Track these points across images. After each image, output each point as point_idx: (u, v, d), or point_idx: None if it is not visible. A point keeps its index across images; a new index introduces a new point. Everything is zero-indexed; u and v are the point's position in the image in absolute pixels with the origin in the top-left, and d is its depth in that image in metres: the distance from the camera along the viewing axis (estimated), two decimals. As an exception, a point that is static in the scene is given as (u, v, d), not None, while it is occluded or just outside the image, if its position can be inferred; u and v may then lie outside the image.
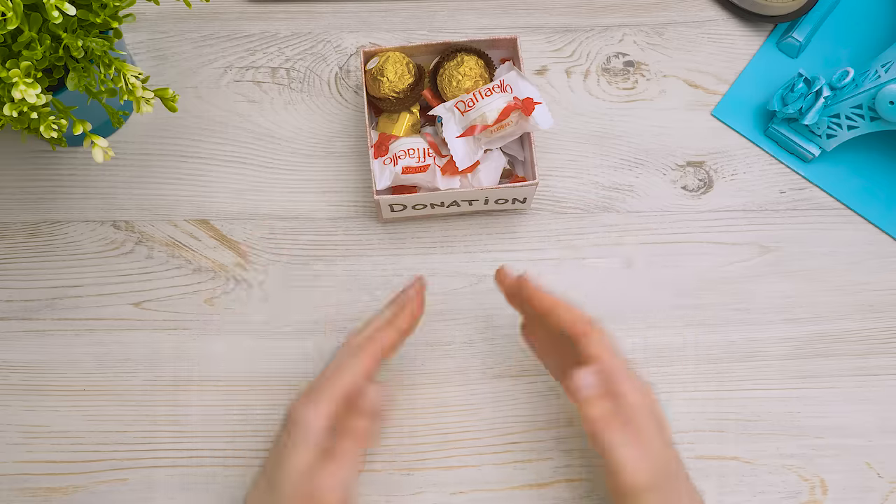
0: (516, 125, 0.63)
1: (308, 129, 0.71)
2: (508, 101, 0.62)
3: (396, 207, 0.65)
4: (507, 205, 0.67)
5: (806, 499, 0.63)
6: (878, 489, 0.64)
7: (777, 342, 0.67)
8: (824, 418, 0.65)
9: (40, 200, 0.69)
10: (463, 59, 0.65)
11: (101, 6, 0.54)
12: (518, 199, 0.66)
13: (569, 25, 0.75)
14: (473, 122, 0.62)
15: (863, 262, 0.69)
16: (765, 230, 0.69)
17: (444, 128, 0.64)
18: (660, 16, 0.75)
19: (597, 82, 0.73)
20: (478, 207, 0.67)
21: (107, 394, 0.65)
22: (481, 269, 0.68)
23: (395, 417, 0.64)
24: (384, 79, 0.64)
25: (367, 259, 0.68)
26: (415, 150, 0.64)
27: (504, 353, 0.66)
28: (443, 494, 0.63)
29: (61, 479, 0.63)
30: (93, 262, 0.68)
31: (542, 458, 0.64)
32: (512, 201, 0.66)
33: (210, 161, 0.70)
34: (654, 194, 0.70)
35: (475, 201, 0.65)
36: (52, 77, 0.57)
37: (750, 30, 0.75)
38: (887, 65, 0.64)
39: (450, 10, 0.75)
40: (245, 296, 0.67)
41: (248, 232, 0.69)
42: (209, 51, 0.73)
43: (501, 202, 0.66)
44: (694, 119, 0.72)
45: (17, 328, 0.66)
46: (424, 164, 0.63)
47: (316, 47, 0.74)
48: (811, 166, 0.71)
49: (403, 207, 0.65)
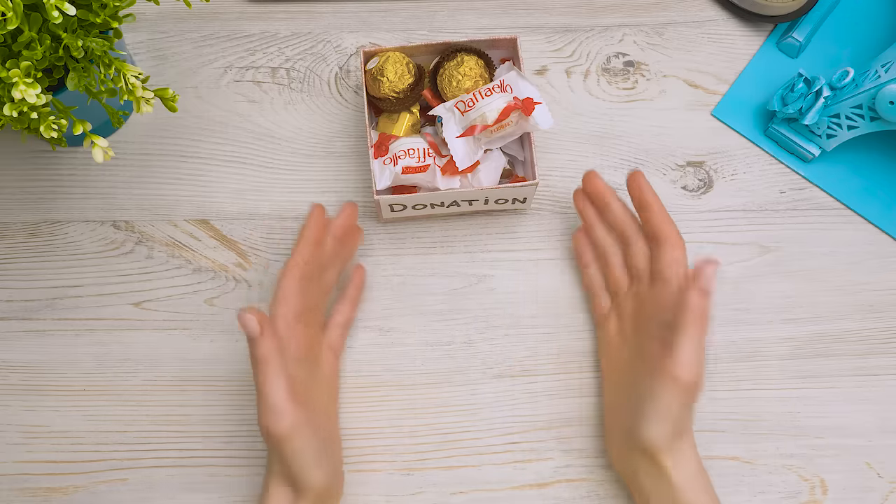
0: (516, 125, 0.63)
1: (308, 129, 0.71)
2: (508, 101, 0.62)
3: (396, 207, 0.65)
4: (507, 205, 0.67)
5: (806, 499, 0.63)
6: (878, 489, 0.64)
7: (777, 342, 0.67)
8: (824, 418, 0.65)
9: (40, 200, 0.69)
10: (463, 59, 0.65)
11: (101, 6, 0.54)
12: (518, 199, 0.66)
13: (569, 25, 0.75)
14: (473, 122, 0.62)
15: (863, 262, 0.69)
16: (765, 230, 0.69)
17: (444, 128, 0.64)
18: (660, 16, 0.75)
19: (597, 82, 0.73)
20: (478, 207, 0.67)
21: (107, 394, 0.65)
22: (481, 269, 0.68)
23: (395, 417, 0.65)
24: (384, 79, 0.64)
25: (367, 259, 0.68)
26: (415, 150, 0.64)
27: (504, 353, 0.66)
28: (443, 494, 0.63)
29: (61, 479, 0.63)
30: (93, 262, 0.68)
31: (542, 458, 0.64)
32: (512, 201, 0.66)
33: (210, 161, 0.70)
34: (654, 194, 0.70)
35: (475, 201, 0.65)
36: (52, 77, 0.57)
37: (750, 30, 0.75)
38: (887, 65, 0.64)
39: (450, 10, 0.75)
40: (245, 296, 0.67)
41: (248, 232, 0.69)
42: (209, 51, 0.73)
43: (501, 202, 0.66)
44: (694, 119, 0.72)
45: (17, 328, 0.66)
46: (424, 164, 0.63)
47: (316, 47, 0.74)
48: (811, 166, 0.71)
49: (403, 207, 0.65)
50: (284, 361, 0.54)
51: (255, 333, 0.53)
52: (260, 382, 0.54)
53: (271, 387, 0.53)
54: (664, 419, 0.55)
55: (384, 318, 0.67)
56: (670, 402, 0.54)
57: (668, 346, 0.54)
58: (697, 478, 0.56)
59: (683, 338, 0.54)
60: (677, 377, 0.53)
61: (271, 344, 0.54)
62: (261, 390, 0.54)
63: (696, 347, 0.54)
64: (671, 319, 0.55)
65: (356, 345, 0.66)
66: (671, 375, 0.54)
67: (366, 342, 0.66)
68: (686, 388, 0.54)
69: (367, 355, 0.66)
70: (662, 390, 0.54)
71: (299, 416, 0.54)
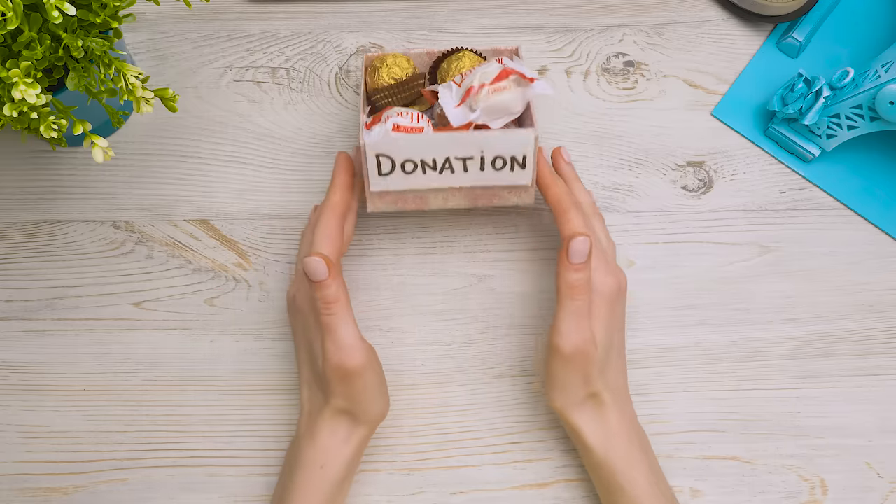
0: (513, 91, 0.60)
1: (308, 129, 0.71)
2: (505, 66, 0.60)
3: (385, 166, 0.59)
4: (505, 171, 0.60)
5: (806, 499, 0.63)
6: (878, 489, 0.64)
7: (777, 342, 0.67)
8: (824, 418, 0.65)
9: (40, 200, 0.69)
10: (464, 53, 0.65)
11: (101, 6, 0.54)
12: (517, 161, 0.60)
13: (569, 25, 0.75)
14: (471, 86, 0.60)
15: (863, 262, 0.69)
16: (765, 230, 0.69)
17: (441, 100, 0.61)
18: (660, 16, 0.75)
19: (597, 82, 0.73)
20: (474, 176, 0.61)
21: (107, 394, 0.65)
22: (481, 269, 0.68)
23: (395, 417, 0.65)
24: (383, 65, 0.64)
25: (367, 259, 0.68)
26: (408, 113, 0.61)
27: (504, 353, 0.66)
28: (443, 494, 0.63)
29: (61, 479, 0.63)
30: (93, 262, 0.68)
31: (542, 458, 0.64)
32: (511, 165, 0.60)
33: (210, 161, 0.70)
34: (654, 194, 0.70)
35: (470, 160, 0.59)
36: (52, 77, 0.57)
37: (750, 30, 0.75)
38: (887, 65, 0.64)
39: (450, 10, 0.75)
40: (245, 296, 0.67)
41: (248, 232, 0.69)
42: (209, 51, 0.73)
43: (499, 164, 0.60)
44: (694, 119, 0.72)
45: (17, 328, 0.66)
46: (418, 125, 0.60)
47: (316, 47, 0.74)
48: (811, 166, 0.71)
49: (392, 167, 0.59)
50: (348, 299, 0.56)
51: (324, 276, 0.55)
52: (330, 323, 0.55)
53: (344, 325, 0.55)
54: (559, 387, 0.58)
55: (384, 318, 0.67)
56: (558, 372, 0.57)
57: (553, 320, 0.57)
58: (616, 432, 0.58)
59: (559, 310, 0.57)
60: (557, 347, 0.56)
61: (339, 283, 0.56)
62: (332, 330, 0.55)
63: (572, 318, 0.56)
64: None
65: (356, 345, 0.66)
66: (553, 347, 0.57)
67: (366, 342, 0.66)
68: (568, 357, 0.56)
69: (367, 355, 0.66)
70: (551, 361, 0.57)
71: (369, 351, 0.57)
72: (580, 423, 0.58)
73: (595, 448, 0.58)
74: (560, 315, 0.56)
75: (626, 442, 0.58)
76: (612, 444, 0.58)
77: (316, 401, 0.59)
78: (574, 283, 0.56)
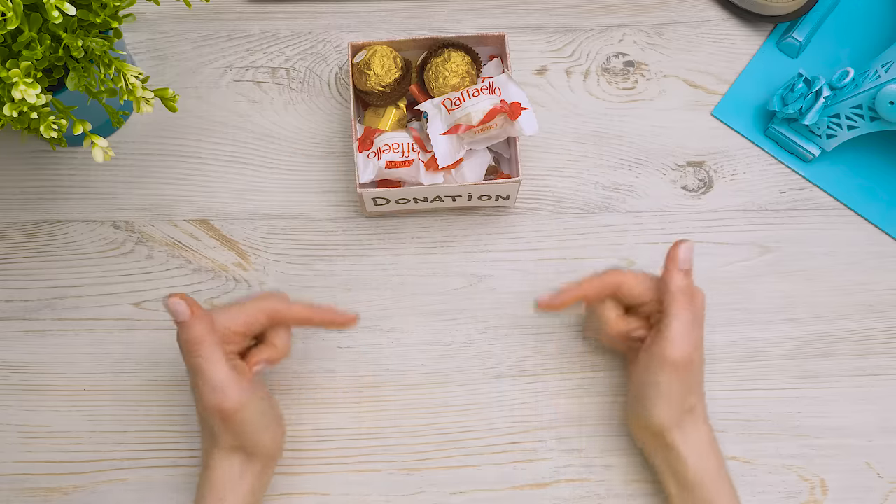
0: (501, 128, 0.63)
1: (308, 129, 0.71)
2: (495, 103, 0.62)
3: (380, 201, 0.65)
4: (490, 201, 0.66)
5: (806, 499, 0.63)
6: (878, 489, 0.64)
7: (777, 342, 0.67)
8: (824, 418, 0.65)
9: (40, 200, 0.69)
10: (450, 55, 0.65)
11: (101, 6, 0.54)
12: (501, 196, 0.66)
13: (569, 25, 0.75)
14: (458, 122, 0.62)
15: (863, 262, 0.69)
16: (765, 230, 0.69)
17: (429, 124, 0.63)
18: (660, 16, 0.75)
19: (597, 82, 0.73)
20: (461, 203, 0.67)
21: (107, 394, 0.65)
22: (481, 269, 0.68)
23: (395, 417, 0.65)
24: (370, 72, 0.64)
25: (367, 259, 0.68)
26: (399, 145, 0.64)
27: (504, 353, 0.66)
28: (443, 494, 0.63)
29: (61, 479, 0.63)
30: (93, 262, 0.68)
31: (542, 458, 0.64)
32: (496, 198, 0.66)
33: (210, 161, 0.70)
34: (654, 194, 0.70)
35: (458, 197, 0.65)
36: (52, 77, 0.57)
37: (750, 30, 0.75)
38: (887, 65, 0.64)
39: (450, 10, 0.75)
40: (245, 296, 0.67)
41: (248, 232, 0.69)
42: (209, 51, 0.73)
43: (485, 198, 0.66)
44: (694, 119, 0.72)
45: (17, 328, 0.66)
46: (408, 158, 0.63)
47: (316, 47, 0.74)
48: (811, 166, 0.71)
49: (387, 201, 0.65)
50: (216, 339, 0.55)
51: (186, 316, 0.54)
52: (197, 365, 0.54)
53: (212, 366, 0.54)
54: (666, 401, 0.57)
55: (384, 318, 0.67)
56: (669, 384, 0.56)
57: (660, 329, 0.56)
58: (708, 449, 0.58)
59: (670, 318, 0.56)
60: (669, 357, 0.55)
61: (203, 323, 0.54)
62: (200, 371, 0.54)
63: (684, 326, 0.56)
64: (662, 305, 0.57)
65: (356, 345, 0.66)
66: (663, 357, 0.56)
67: (366, 342, 0.66)
68: (680, 366, 0.56)
69: (367, 355, 0.66)
70: (660, 373, 0.56)
71: (243, 387, 0.54)
72: (678, 440, 0.57)
73: (691, 467, 0.57)
74: (672, 324, 0.56)
75: (715, 461, 0.58)
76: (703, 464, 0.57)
77: (207, 437, 0.57)
78: (686, 289, 0.56)
